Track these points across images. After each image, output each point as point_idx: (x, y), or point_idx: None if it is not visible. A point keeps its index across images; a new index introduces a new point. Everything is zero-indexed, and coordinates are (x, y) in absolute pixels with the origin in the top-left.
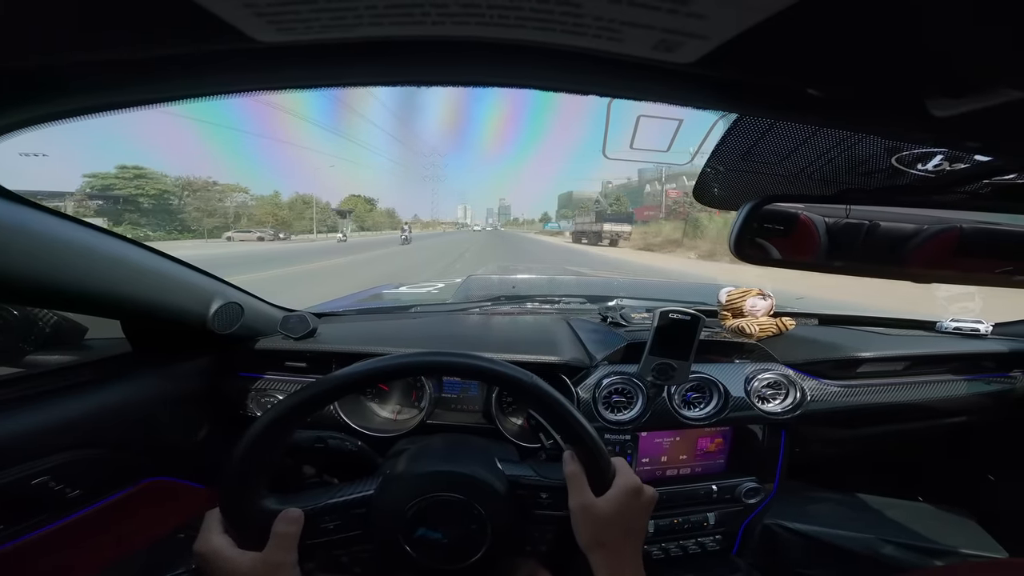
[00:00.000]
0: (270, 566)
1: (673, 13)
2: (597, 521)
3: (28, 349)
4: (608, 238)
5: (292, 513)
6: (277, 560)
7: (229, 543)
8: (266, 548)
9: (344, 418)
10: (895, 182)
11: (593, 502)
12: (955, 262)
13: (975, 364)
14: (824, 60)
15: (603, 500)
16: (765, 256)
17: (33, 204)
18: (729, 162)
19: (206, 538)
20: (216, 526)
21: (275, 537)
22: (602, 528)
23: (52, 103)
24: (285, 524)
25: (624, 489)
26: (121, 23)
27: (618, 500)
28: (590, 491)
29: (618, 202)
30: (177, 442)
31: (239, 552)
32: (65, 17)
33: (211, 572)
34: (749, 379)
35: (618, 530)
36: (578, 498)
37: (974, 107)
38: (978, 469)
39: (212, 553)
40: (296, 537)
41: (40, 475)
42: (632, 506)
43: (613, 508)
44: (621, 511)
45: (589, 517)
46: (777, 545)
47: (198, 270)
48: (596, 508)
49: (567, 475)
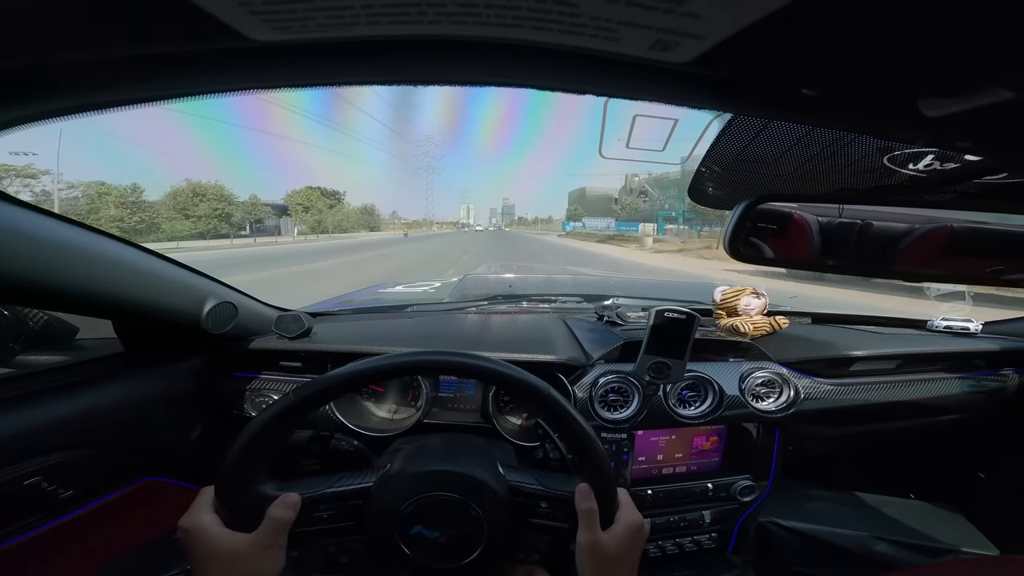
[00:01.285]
0: (258, 548)
1: (669, 13)
2: (605, 559)
3: (18, 349)
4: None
5: (290, 498)
6: (266, 543)
7: (217, 521)
8: (257, 530)
9: (340, 418)
10: (887, 181)
11: (602, 540)
12: (946, 261)
13: (966, 362)
14: (818, 60)
15: (610, 536)
16: (759, 255)
17: (25, 204)
18: (724, 162)
19: (194, 513)
20: (207, 503)
21: (269, 521)
22: (609, 565)
23: (45, 101)
24: (282, 509)
25: (629, 526)
26: (116, 22)
27: (625, 537)
28: (600, 528)
29: (656, 198)
30: (171, 442)
31: (226, 532)
32: (58, 15)
33: (194, 548)
34: (743, 377)
35: (624, 567)
36: (588, 535)
37: (965, 107)
38: (969, 466)
39: (197, 529)
40: (290, 523)
41: (32, 476)
42: (635, 543)
43: (621, 546)
44: (628, 550)
45: (598, 554)
46: (772, 542)
47: (191, 270)
48: (604, 546)
49: (582, 511)
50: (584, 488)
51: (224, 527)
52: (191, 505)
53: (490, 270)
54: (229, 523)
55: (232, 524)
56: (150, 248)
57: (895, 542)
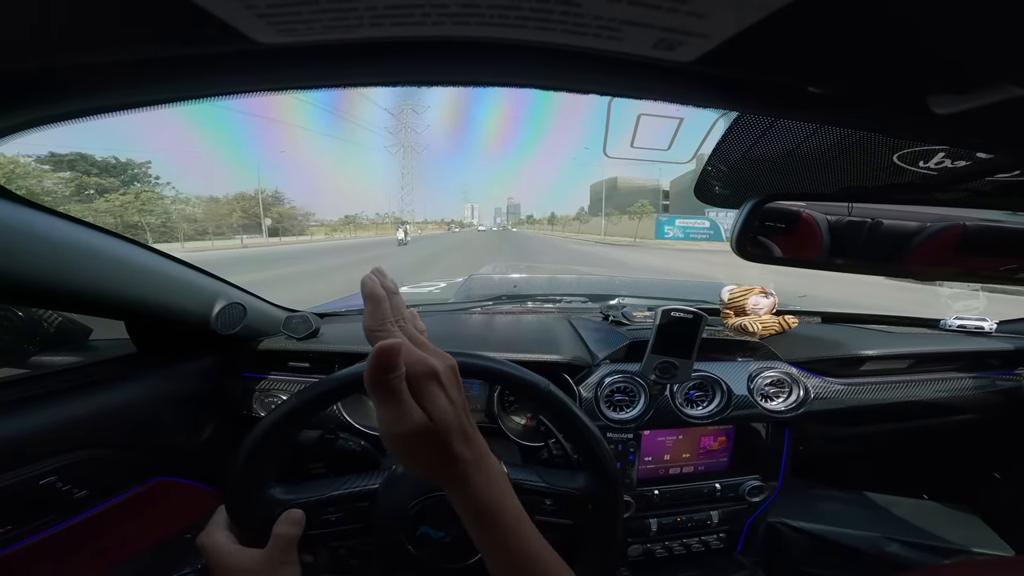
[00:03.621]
0: (270, 565)
1: (673, 12)
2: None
3: (33, 350)
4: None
5: (294, 515)
6: (276, 560)
7: (231, 539)
8: (266, 548)
9: (347, 418)
10: (898, 179)
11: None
12: (959, 260)
13: (980, 362)
14: (825, 57)
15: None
16: (767, 254)
17: (37, 206)
18: (730, 160)
19: (209, 532)
20: (222, 521)
21: (275, 538)
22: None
23: (52, 105)
24: (286, 526)
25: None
26: (123, 25)
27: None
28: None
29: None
30: (182, 442)
31: (239, 549)
32: (66, 19)
33: (211, 565)
34: (752, 377)
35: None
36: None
37: (977, 104)
38: (983, 466)
39: (212, 548)
40: (296, 539)
41: (47, 476)
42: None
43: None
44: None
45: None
46: (781, 543)
47: (200, 270)
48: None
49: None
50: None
51: (238, 544)
52: (208, 523)
53: (495, 270)
54: (243, 540)
55: (245, 540)
56: (160, 249)
57: (907, 543)
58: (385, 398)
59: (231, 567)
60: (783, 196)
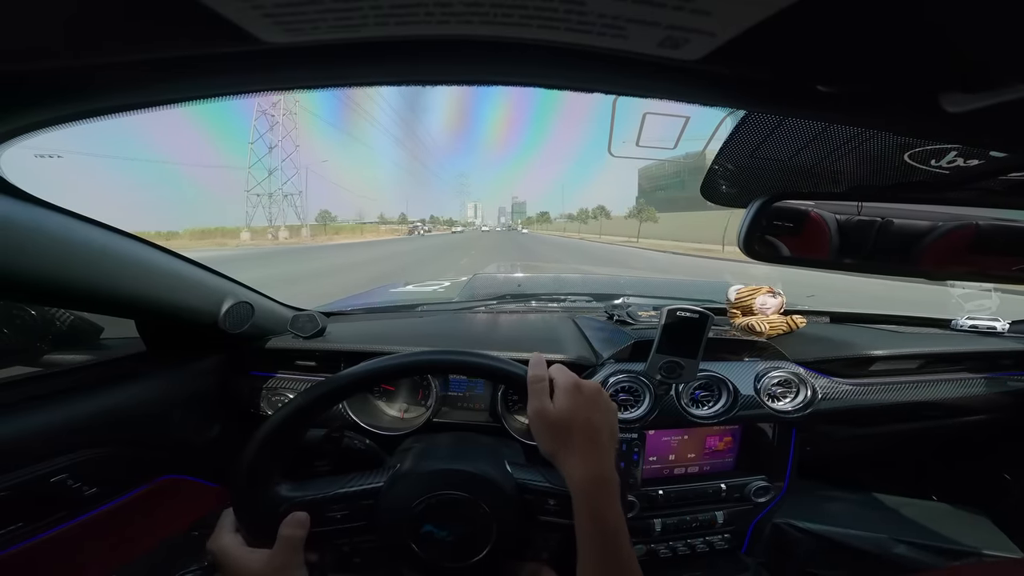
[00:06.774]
0: (276, 566)
1: (678, 10)
2: (554, 426)
3: (45, 349)
4: None
5: (298, 517)
6: (282, 562)
7: (239, 541)
8: (272, 551)
9: (353, 416)
10: (908, 179)
11: (548, 407)
12: (971, 259)
13: (992, 362)
14: (833, 56)
15: (555, 401)
16: (775, 253)
17: (50, 205)
18: (737, 159)
19: (217, 535)
20: (229, 524)
21: (281, 540)
22: (557, 431)
23: (65, 105)
24: (291, 528)
25: (566, 389)
26: (135, 26)
27: (567, 399)
28: (548, 397)
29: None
30: (190, 440)
31: (247, 551)
32: (80, 21)
33: (220, 567)
34: (759, 377)
35: (576, 433)
36: (535, 402)
37: (988, 103)
38: (993, 468)
39: (221, 551)
40: (302, 541)
41: (58, 473)
42: (580, 404)
43: (567, 408)
44: (575, 411)
45: (546, 423)
46: (787, 544)
47: (209, 270)
48: (550, 413)
49: (529, 379)
50: (536, 357)
51: (245, 546)
52: (216, 526)
53: (499, 269)
54: (250, 540)
55: (252, 540)
56: (170, 248)
57: (916, 544)
58: (537, 393)
59: (239, 570)
60: (791, 195)
